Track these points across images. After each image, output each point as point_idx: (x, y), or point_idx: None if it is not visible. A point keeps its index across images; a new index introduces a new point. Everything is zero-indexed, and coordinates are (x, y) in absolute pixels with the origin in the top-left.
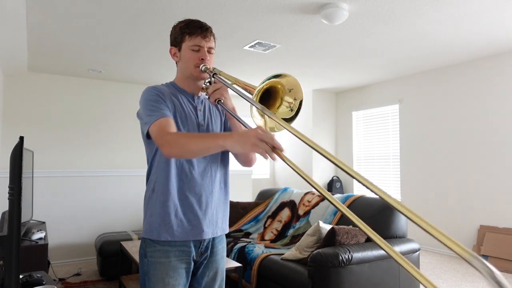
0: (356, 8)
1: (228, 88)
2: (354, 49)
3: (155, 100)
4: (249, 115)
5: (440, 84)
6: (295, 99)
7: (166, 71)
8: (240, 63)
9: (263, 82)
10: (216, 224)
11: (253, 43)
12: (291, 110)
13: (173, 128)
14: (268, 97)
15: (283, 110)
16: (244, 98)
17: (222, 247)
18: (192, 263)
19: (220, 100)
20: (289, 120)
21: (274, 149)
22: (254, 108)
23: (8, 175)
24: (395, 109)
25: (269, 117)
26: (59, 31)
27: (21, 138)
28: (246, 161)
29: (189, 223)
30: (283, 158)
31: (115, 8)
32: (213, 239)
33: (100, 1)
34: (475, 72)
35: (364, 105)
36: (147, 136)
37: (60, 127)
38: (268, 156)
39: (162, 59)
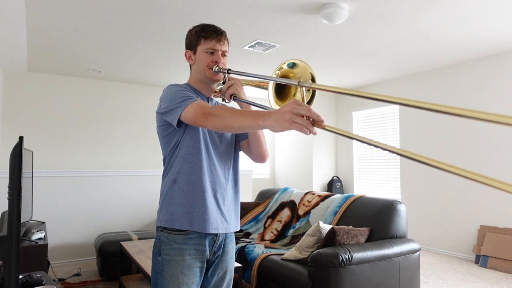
0: (356, 8)
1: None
2: (354, 49)
3: (184, 90)
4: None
5: (440, 84)
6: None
7: (165, 71)
8: (240, 63)
9: (278, 69)
10: (230, 221)
11: (253, 43)
12: (309, 90)
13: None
14: (282, 89)
15: (304, 94)
16: (269, 79)
17: (232, 246)
18: (205, 263)
19: (235, 96)
20: (311, 99)
21: (313, 122)
22: (271, 95)
23: (8, 175)
24: (395, 109)
25: (304, 87)
26: (59, 31)
27: (21, 138)
28: (259, 157)
29: (209, 215)
30: (327, 129)
31: (115, 8)
32: (225, 238)
33: (100, 1)
34: (475, 72)
35: (364, 105)
36: (178, 123)
37: (60, 127)
38: (309, 131)
39: (162, 59)
